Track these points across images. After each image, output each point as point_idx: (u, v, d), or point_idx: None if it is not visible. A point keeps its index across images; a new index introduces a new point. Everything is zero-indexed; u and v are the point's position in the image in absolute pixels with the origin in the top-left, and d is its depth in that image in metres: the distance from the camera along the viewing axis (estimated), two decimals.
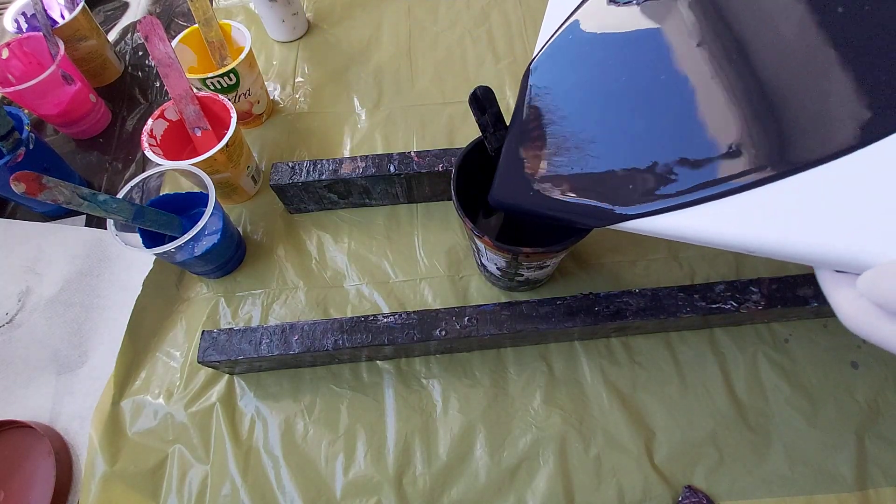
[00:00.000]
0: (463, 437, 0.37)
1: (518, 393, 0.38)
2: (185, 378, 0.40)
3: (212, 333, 0.36)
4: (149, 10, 0.66)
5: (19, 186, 0.29)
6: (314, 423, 0.38)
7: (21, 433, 0.38)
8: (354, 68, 0.57)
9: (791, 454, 0.35)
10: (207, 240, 0.39)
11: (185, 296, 0.44)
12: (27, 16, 0.53)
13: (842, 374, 0.38)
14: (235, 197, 0.47)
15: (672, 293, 0.36)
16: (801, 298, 0.35)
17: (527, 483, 0.35)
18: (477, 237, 0.32)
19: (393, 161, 0.42)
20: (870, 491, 0.34)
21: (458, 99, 0.53)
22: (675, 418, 0.37)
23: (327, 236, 0.46)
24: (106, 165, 0.53)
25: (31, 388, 0.41)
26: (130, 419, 0.39)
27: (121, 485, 0.36)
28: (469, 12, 0.60)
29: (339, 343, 0.35)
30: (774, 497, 0.34)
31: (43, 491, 0.36)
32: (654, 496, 0.34)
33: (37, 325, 0.43)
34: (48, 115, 0.50)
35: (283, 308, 0.43)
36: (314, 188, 0.43)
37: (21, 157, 0.42)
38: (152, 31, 0.40)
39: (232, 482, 0.36)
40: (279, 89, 0.56)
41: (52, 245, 0.47)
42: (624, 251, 0.43)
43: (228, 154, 0.41)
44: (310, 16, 0.62)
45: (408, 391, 0.39)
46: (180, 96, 0.42)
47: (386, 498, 0.35)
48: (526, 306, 0.36)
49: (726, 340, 0.39)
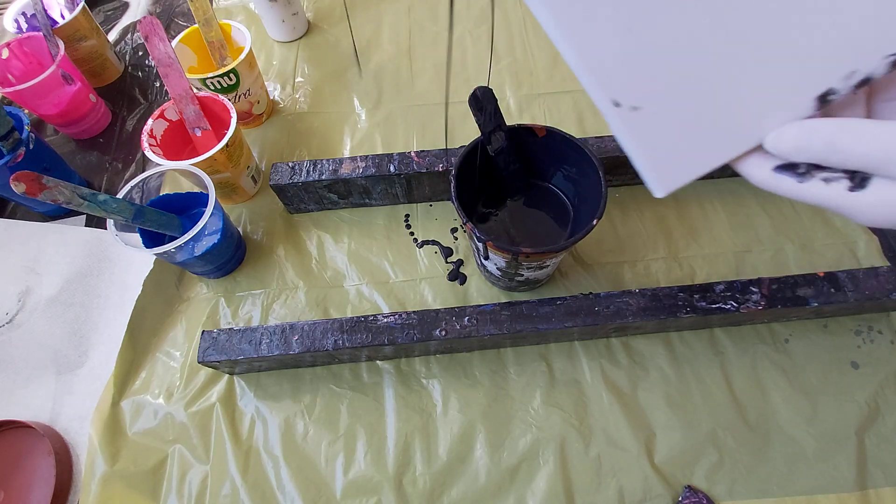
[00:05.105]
0: (463, 437, 0.37)
1: (518, 393, 0.38)
2: (185, 378, 0.40)
3: (212, 333, 0.36)
4: (149, 10, 0.66)
5: (19, 186, 0.29)
6: (314, 423, 0.38)
7: (21, 433, 0.38)
8: (354, 68, 0.57)
9: (791, 454, 0.35)
10: (207, 240, 0.39)
11: (185, 296, 0.44)
12: (27, 16, 0.53)
13: (842, 374, 0.38)
14: (235, 197, 0.47)
15: (672, 293, 0.36)
16: (801, 298, 0.35)
17: (527, 483, 0.35)
18: (477, 237, 0.32)
19: (393, 161, 0.42)
20: (870, 491, 0.34)
21: (458, 99, 0.53)
22: (675, 418, 0.37)
23: (327, 236, 0.46)
24: (106, 165, 0.53)
25: (31, 388, 0.41)
26: (130, 419, 0.39)
27: (121, 485, 0.36)
28: (469, 12, 0.60)
29: (339, 343, 0.35)
30: (774, 497, 0.34)
31: (43, 491, 0.36)
32: (654, 496, 0.34)
33: (37, 325, 0.43)
34: (48, 115, 0.50)
35: (283, 308, 0.43)
36: (314, 188, 0.43)
37: (21, 157, 0.42)
38: (152, 31, 0.40)
39: (232, 482, 0.36)
40: (279, 89, 0.56)
41: (52, 245, 0.47)
42: (624, 251, 0.43)
43: (228, 154, 0.41)
44: (310, 16, 0.62)
45: (408, 391, 0.39)
46: (180, 96, 0.42)
47: (386, 498, 0.35)
48: (526, 306, 0.36)
49: (726, 340, 0.39)
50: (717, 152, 0.20)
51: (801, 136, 0.18)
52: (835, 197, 0.18)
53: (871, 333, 0.39)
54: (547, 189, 0.39)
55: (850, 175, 0.18)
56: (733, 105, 0.19)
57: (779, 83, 0.18)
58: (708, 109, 0.19)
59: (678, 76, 0.18)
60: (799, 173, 0.19)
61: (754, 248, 0.43)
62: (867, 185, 0.18)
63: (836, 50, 0.18)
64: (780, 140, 0.19)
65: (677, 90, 0.19)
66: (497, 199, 0.39)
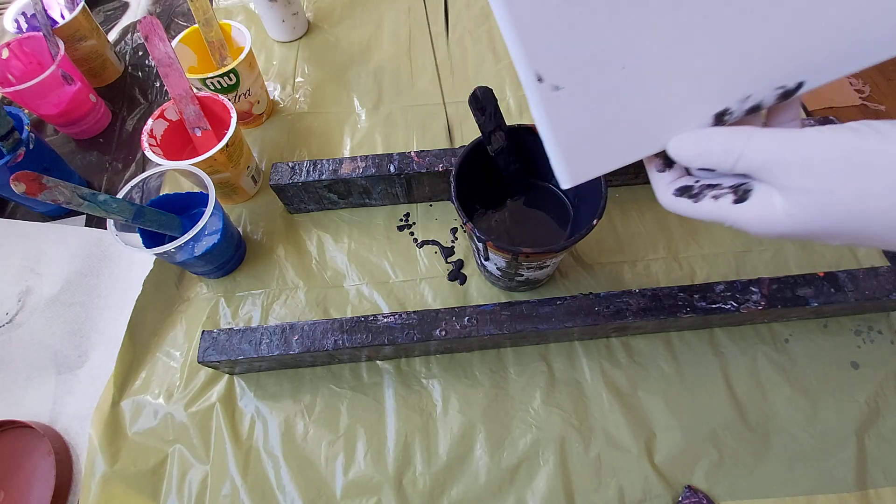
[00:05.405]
0: (463, 437, 0.37)
1: (518, 393, 0.38)
2: (185, 378, 0.40)
3: (212, 333, 0.36)
4: (149, 10, 0.66)
5: (19, 186, 0.29)
6: (314, 423, 0.38)
7: (21, 433, 0.38)
8: (354, 68, 0.57)
9: (791, 454, 0.35)
10: (207, 240, 0.39)
11: (185, 296, 0.44)
12: (27, 16, 0.53)
13: (842, 374, 0.38)
14: (235, 197, 0.47)
15: (672, 293, 0.36)
16: (801, 298, 0.35)
17: (527, 483, 0.35)
18: (477, 237, 0.32)
19: (393, 161, 0.42)
20: (870, 491, 0.34)
21: (458, 99, 0.53)
22: (675, 418, 0.37)
23: (327, 236, 0.46)
24: (106, 165, 0.53)
25: (31, 388, 0.41)
26: (130, 419, 0.39)
27: (121, 485, 0.36)
28: (469, 12, 0.60)
29: (339, 343, 0.35)
30: (774, 497, 0.34)
31: (43, 491, 0.36)
32: (654, 496, 0.34)
33: (37, 325, 0.43)
34: (48, 115, 0.50)
35: (283, 308, 0.43)
36: (314, 188, 0.43)
37: (21, 157, 0.42)
38: (152, 31, 0.40)
39: (232, 482, 0.36)
40: (279, 89, 0.56)
41: (52, 245, 0.47)
42: (624, 251, 0.43)
43: (228, 154, 0.41)
44: (310, 16, 0.62)
45: (408, 391, 0.39)
46: (180, 96, 0.42)
47: (386, 498, 0.35)
48: (526, 306, 0.36)
49: (726, 340, 0.39)
50: (627, 151, 0.22)
51: (698, 140, 0.20)
52: (724, 211, 0.20)
53: (871, 333, 0.39)
54: (547, 189, 0.39)
55: (734, 189, 0.20)
56: (646, 108, 0.20)
57: (686, 96, 0.20)
58: (624, 107, 0.20)
59: (604, 68, 0.19)
60: (693, 195, 0.21)
61: (754, 248, 0.43)
62: (748, 197, 0.19)
63: (738, 75, 0.20)
64: (681, 145, 0.21)
65: (600, 81, 0.19)
66: (497, 199, 0.39)
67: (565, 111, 0.20)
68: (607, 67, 0.19)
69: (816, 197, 0.17)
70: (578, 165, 0.22)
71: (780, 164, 0.18)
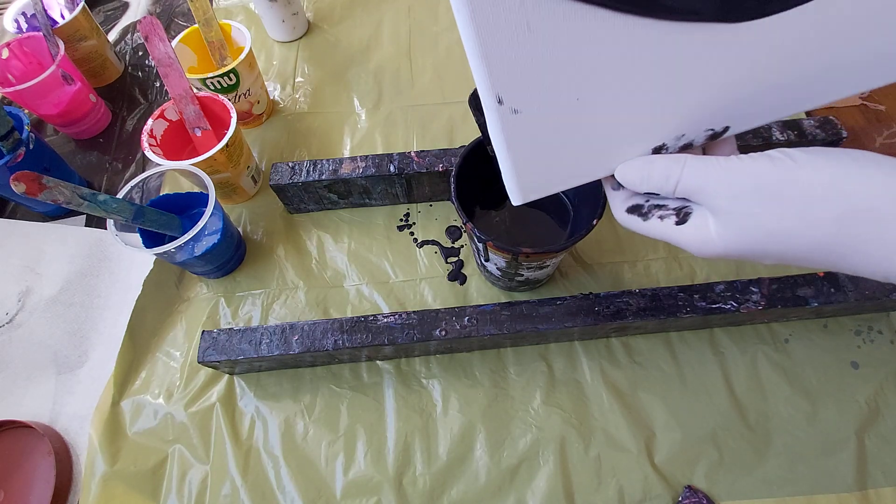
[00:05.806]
0: (463, 437, 0.37)
1: (518, 393, 0.38)
2: (185, 378, 0.40)
3: (212, 333, 0.36)
4: (149, 10, 0.66)
5: (19, 186, 0.29)
6: (314, 423, 0.38)
7: (21, 433, 0.38)
8: (354, 68, 0.57)
9: (791, 454, 0.35)
10: (207, 240, 0.39)
11: (185, 296, 0.44)
12: (27, 16, 0.53)
13: (842, 374, 0.38)
14: (235, 197, 0.47)
15: (672, 293, 0.36)
16: (801, 298, 0.35)
17: (527, 483, 0.35)
18: (477, 237, 0.32)
19: (393, 161, 0.42)
20: (870, 491, 0.34)
21: (458, 99, 0.53)
22: (675, 418, 0.37)
23: (327, 236, 0.46)
24: (106, 165, 0.53)
25: (31, 388, 0.41)
26: (130, 419, 0.39)
27: (121, 485, 0.36)
28: None
29: (339, 343, 0.35)
30: (774, 497, 0.34)
31: (43, 491, 0.36)
32: (654, 496, 0.34)
33: (37, 325, 0.43)
34: (48, 115, 0.50)
35: (283, 308, 0.43)
36: (314, 188, 0.43)
37: (21, 157, 0.42)
38: (152, 31, 0.40)
39: (232, 482, 0.36)
40: (279, 89, 0.56)
41: (52, 245, 0.47)
42: (624, 251, 0.43)
43: (228, 154, 0.41)
44: (310, 16, 0.62)
45: (408, 391, 0.39)
46: (180, 96, 0.42)
47: (386, 498, 0.35)
48: (526, 306, 0.36)
49: (726, 340, 0.39)
50: (577, 174, 0.24)
51: (643, 167, 0.22)
52: (668, 231, 0.22)
53: (871, 333, 0.39)
54: None
55: (676, 211, 0.22)
56: (596, 136, 0.22)
57: (630, 130, 0.22)
58: (576, 134, 0.22)
59: (560, 98, 0.20)
60: (643, 213, 0.23)
61: None
62: (688, 219, 0.21)
63: (674, 118, 0.22)
64: (626, 171, 0.23)
65: (556, 109, 0.21)
66: (497, 199, 0.39)
67: (522, 133, 0.21)
68: (563, 98, 0.20)
69: (741, 220, 0.19)
70: (529, 184, 0.24)
71: (708, 189, 0.20)
